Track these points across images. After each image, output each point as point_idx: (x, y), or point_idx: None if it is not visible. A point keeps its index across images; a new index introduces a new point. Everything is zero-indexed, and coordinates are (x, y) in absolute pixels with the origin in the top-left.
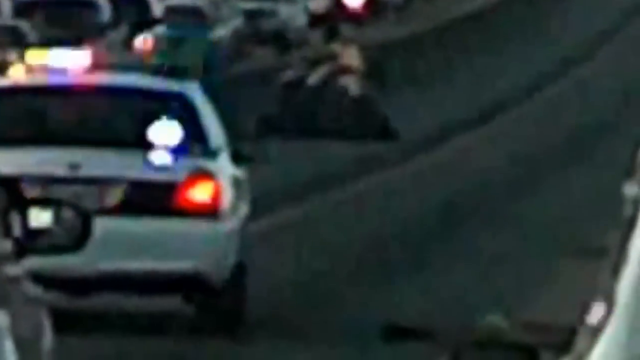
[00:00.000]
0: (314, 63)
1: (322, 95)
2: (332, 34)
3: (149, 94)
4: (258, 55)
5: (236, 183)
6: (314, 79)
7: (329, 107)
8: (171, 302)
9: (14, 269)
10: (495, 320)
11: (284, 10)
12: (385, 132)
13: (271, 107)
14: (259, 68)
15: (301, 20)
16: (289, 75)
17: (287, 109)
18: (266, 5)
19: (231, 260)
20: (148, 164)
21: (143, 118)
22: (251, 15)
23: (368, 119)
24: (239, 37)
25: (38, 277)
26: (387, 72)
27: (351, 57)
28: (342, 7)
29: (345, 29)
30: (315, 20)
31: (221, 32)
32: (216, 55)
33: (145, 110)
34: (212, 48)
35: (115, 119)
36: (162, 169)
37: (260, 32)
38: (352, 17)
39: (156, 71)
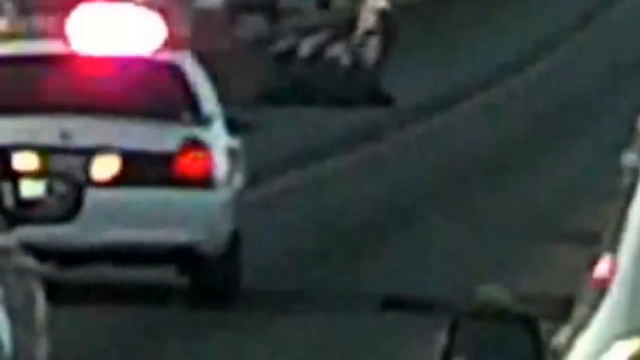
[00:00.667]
0: (307, 33)
1: (315, 66)
2: (324, 3)
3: (141, 62)
4: (249, 24)
5: (231, 152)
6: (306, 49)
7: (323, 77)
8: (165, 274)
9: (5, 240)
10: (494, 291)
11: None
12: (379, 99)
13: (266, 75)
14: (251, 37)
15: None
16: (280, 46)
17: (281, 77)
18: None
19: (226, 230)
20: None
21: (135, 86)
22: None
23: (361, 87)
24: (231, 6)
25: (30, 249)
26: (403, 35)
27: (368, 20)
28: None
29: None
30: None
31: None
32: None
33: (137, 79)
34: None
35: (107, 87)
36: (155, 139)
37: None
38: None
39: None
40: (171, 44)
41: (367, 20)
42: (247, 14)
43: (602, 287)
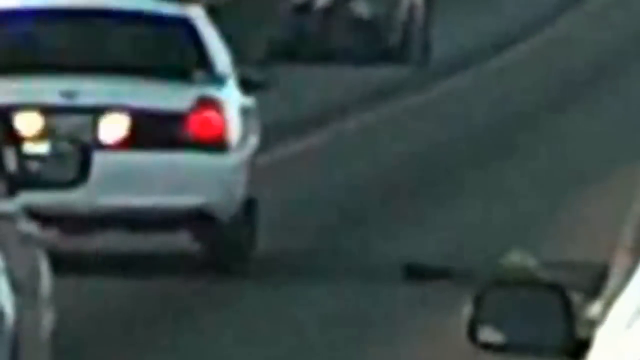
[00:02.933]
0: None
1: (331, 18)
2: None
3: (150, 18)
4: None
5: (244, 112)
6: (322, 1)
7: (339, 31)
8: (178, 239)
9: (7, 206)
10: (519, 258)
11: None
12: (393, 56)
13: (278, 31)
14: None
15: None
16: None
17: (297, 33)
18: None
19: (240, 194)
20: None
21: (144, 44)
22: None
23: (377, 43)
24: None
25: (34, 215)
26: None
27: None
28: None
29: None
30: None
31: None
32: None
33: (146, 36)
34: None
35: (114, 44)
36: (166, 97)
37: None
38: None
39: None
40: None
41: None
42: None
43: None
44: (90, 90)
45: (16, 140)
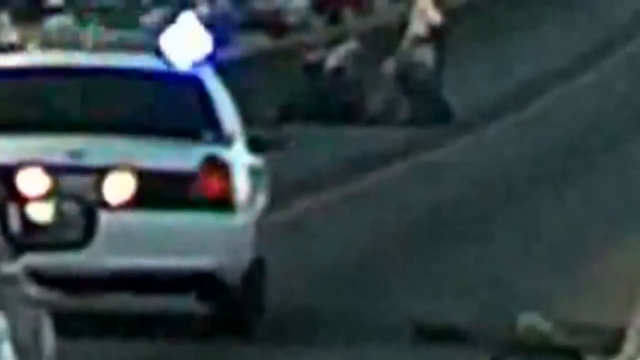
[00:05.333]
0: (333, 44)
1: (343, 78)
2: (334, 19)
3: (159, 77)
4: (250, 40)
5: (252, 172)
6: (333, 60)
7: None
8: (184, 302)
9: (11, 267)
10: (535, 320)
11: None
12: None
13: (289, 90)
14: (254, 53)
15: (301, 2)
16: (310, 57)
17: (309, 93)
18: None
19: (248, 255)
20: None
21: (152, 103)
22: None
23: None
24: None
25: (38, 276)
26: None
27: (418, 27)
28: None
29: (347, 13)
30: (319, 2)
31: (203, 10)
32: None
33: (154, 95)
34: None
35: (121, 103)
36: (173, 157)
37: (254, 15)
38: (352, 1)
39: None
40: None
41: (418, 27)
42: (248, 29)
43: None
44: (96, 149)
45: (20, 200)
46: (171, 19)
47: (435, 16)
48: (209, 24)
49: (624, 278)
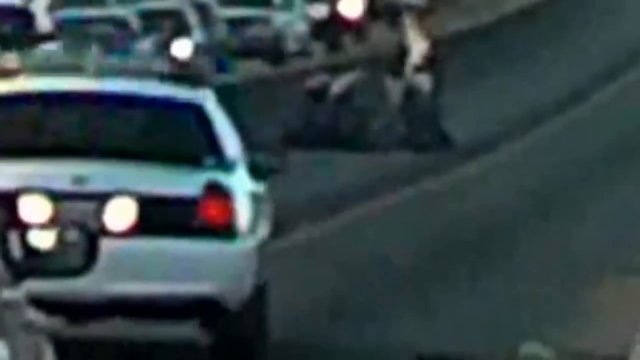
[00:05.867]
0: (335, 71)
1: (347, 105)
2: (334, 45)
3: (160, 103)
4: (248, 67)
5: (254, 198)
6: (337, 88)
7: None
8: (186, 329)
9: (11, 294)
10: (536, 349)
11: (280, 18)
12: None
13: (291, 116)
14: (253, 80)
15: (301, 28)
16: (312, 84)
17: (311, 119)
18: (256, 13)
19: (249, 282)
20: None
21: (153, 128)
22: (236, 23)
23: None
24: (222, 47)
25: (39, 302)
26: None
27: (417, 53)
28: (340, 18)
29: (347, 40)
30: (318, 29)
31: (198, 38)
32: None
33: (155, 120)
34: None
35: (122, 128)
36: (174, 183)
37: (250, 41)
38: (352, 27)
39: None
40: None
41: (415, 56)
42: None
43: None
44: (98, 176)
45: (21, 226)
46: (164, 46)
47: (424, 47)
48: (206, 51)
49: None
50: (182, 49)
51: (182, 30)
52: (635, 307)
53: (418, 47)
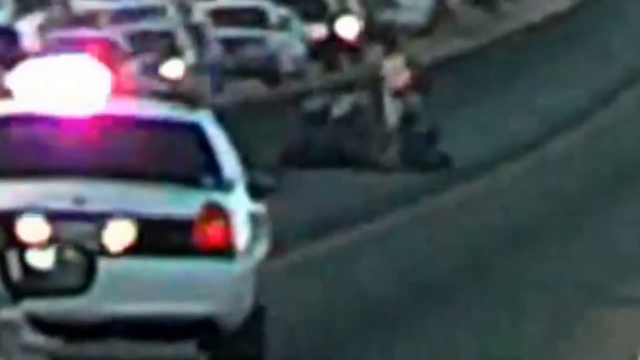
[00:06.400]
0: (333, 92)
1: (349, 127)
2: (331, 65)
3: (159, 123)
4: (240, 88)
5: (252, 218)
6: (340, 109)
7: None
8: (184, 349)
9: (10, 314)
10: None
11: (275, 38)
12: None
13: (290, 136)
14: (247, 101)
15: (298, 49)
16: (310, 105)
17: (311, 140)
18: (251, 33)
19: (247, 302)
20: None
21: (152, 149)
22: (231, 44)
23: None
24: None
25: (38, 322)
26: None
27: (400, 77)
28: (337, 39)
29: (344, 60)
30: (316, 50)
31: (190, 59)
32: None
33: (154, 141)
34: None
35: (121, 149)
36: (173, 204)
37: (245, 62)
38: (348, 48)
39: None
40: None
41: (396, 82)
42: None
43: None
44: (97, 196)
45: (20, 246)
46: (154, 67)
47: (405, 74)
48: (200, 71)
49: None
50: (173, 69)
51: (173, 51)
52: (611, 340)
53: (397, 74)
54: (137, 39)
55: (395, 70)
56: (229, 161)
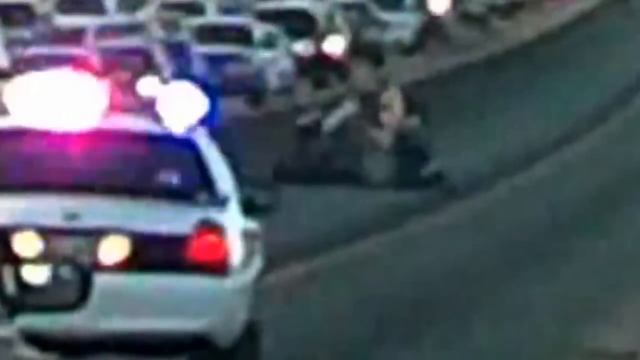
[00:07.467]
0: (330, 106)
1: (341, 141)
2: (319, 82)
3: (153, 139)
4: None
5: (247, 235)
6: (331, 124)
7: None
8: None
9: (5, 329)
10: None
11: (260, 55)
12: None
13: (283, 152)
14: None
15: (285, 65)
16: (304, 120)
17: (303, 155)
18: (236, 50)
19: (241, 319)
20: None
21: (146, 165)
22: (215, 61)
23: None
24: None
25: (32, 339)
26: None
27: (392, 97)
28: (324, 56)
29: (332, 77)
30: (304, 66)
31: (167, 76)
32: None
33: (148, 157)
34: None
35: (117, 165)
36: (167, 220)
37: (229, 79)
38: (334, 64)
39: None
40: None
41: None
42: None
43: None
44: (91, 212)
45: (15, 262)
46: (126, 84)
47: (394, 118)
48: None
49: None
50: (148, 87)
51: (149, 68)
52: None
53: (393, 107)
54: (112, 56)
55: (391, 103)
56: (223, 177)
